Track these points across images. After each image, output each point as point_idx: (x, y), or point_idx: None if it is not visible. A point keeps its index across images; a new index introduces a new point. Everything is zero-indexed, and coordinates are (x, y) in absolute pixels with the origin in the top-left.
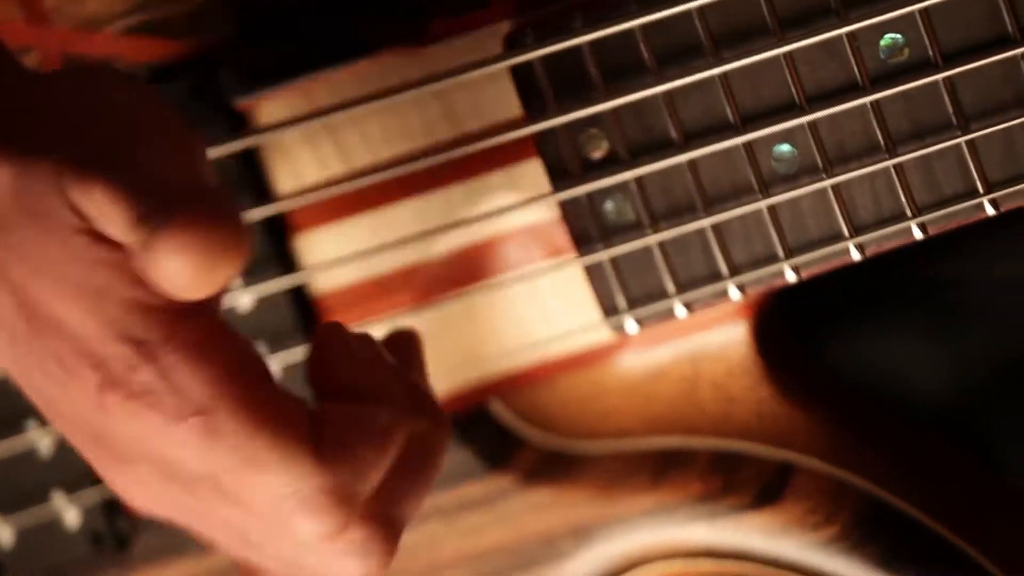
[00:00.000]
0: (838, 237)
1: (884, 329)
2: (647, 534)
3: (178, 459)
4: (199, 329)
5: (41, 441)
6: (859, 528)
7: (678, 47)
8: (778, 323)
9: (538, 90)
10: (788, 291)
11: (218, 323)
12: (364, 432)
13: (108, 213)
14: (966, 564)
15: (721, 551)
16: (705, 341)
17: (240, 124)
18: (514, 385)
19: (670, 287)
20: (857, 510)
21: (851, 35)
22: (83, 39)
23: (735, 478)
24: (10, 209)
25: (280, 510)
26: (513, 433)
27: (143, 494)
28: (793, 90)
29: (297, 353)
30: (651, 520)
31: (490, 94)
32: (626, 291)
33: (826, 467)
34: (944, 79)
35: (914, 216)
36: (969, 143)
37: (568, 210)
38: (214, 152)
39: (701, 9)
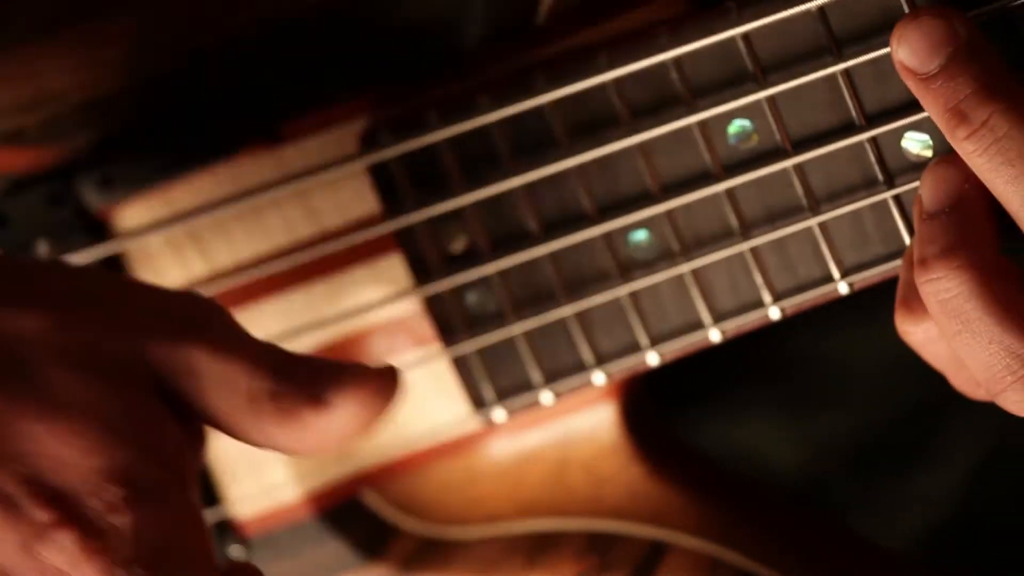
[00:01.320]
0: (698, 322)
1: (743, 408)
2: None
3: None
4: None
5: None
6: None
7: (533, 140)
8: (646, 402)
9: (396, 186)
10: (654, 371)
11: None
12: None
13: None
14: None
15: None
16: (574, 424)
17: (101, 231)
18: (387, 475)
19: (536, 377)
20: None
21: (701, 123)
22: None
23: (609, 558)
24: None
25: None
26: (388, 523)
27: None
28: (647, 179)
29: None
30: None
31: (348, 191)
32: (494, 382)
33: (699, 542)
34: (794, 164)
35: (772, 298)
36: (821, 224)
37: (431, 303)
38: (75, 259)
39: (555, 103)
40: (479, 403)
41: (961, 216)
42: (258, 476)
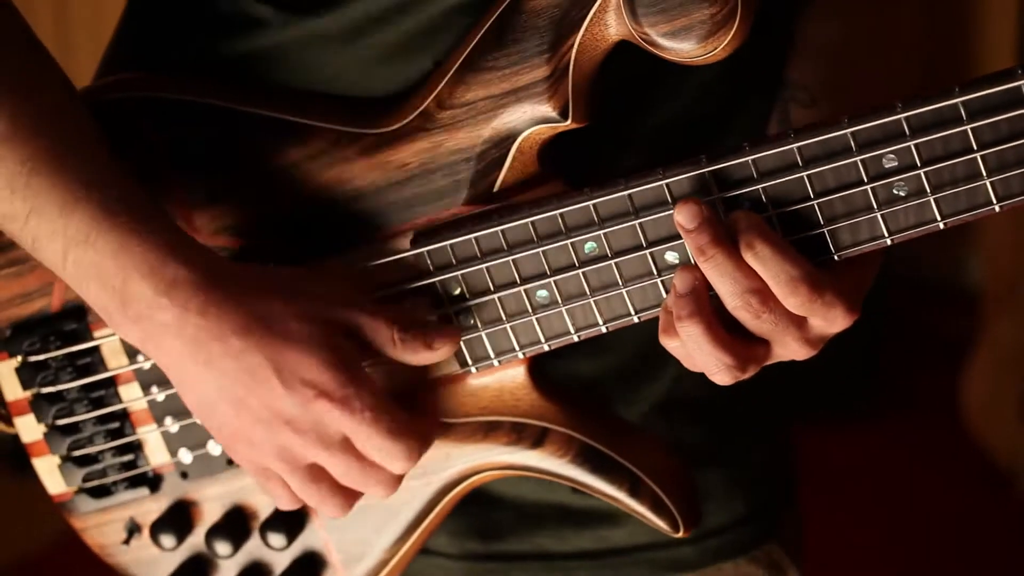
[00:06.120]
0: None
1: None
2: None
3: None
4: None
5: None
6: (580, 456)
7: None
8: (544, 358)
9: None
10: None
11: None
12: None
13: None
14: (624, 470)
15: (517, 467)
16: (506, 375)
17: None
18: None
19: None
20: (579, 449)
21: None
22: None
23: (523, 434)
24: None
25: None
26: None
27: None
28: None
29: None
30: (483, 453)
31: None
32: (474, 352)
33: (562, 429)
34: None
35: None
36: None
37: None
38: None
39: None
40: (463, 363)
41: (696, 295)
42: None
